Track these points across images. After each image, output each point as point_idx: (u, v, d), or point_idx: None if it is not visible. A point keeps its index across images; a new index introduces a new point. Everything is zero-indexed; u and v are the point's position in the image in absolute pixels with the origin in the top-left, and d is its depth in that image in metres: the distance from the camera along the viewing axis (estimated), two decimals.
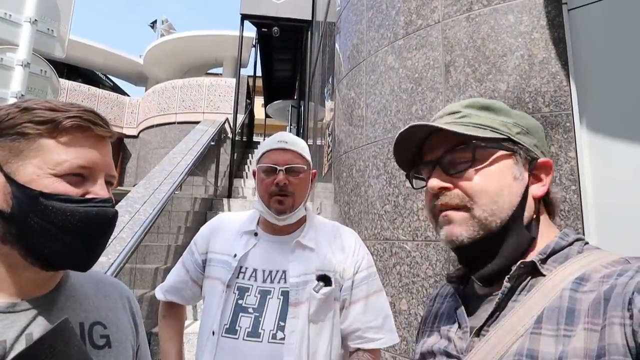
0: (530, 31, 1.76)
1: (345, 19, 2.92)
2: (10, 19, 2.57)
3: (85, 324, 0.68)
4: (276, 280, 1.13)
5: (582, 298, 0.50)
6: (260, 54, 9.68)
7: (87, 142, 0.64)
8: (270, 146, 1.19)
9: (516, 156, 0.61)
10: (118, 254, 2.50)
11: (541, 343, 0.51)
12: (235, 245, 1.19)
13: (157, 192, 3.64)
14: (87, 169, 0.63)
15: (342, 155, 2.72)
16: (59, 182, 0.60)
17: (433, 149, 0.65)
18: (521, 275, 0.58)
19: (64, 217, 0.59)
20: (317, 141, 5.18)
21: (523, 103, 1.73)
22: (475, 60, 1.88)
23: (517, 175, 0.60)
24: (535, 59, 1.73)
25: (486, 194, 0.59)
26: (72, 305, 0.68)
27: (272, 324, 1.07)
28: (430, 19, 2.08)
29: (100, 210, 0.62)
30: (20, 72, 2.55)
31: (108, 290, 0.77)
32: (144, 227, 2.89)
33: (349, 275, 1.16)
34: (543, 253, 0.58)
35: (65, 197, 0.60)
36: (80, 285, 0.72)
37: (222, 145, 7.10)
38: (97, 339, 0.68)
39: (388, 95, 2.25)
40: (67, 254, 0.60)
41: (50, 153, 0.61)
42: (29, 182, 0.60)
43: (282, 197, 1.14)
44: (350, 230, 1.28)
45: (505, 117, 0.63)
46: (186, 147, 5.29)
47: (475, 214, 0.59)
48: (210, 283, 1.19)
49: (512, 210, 0.59)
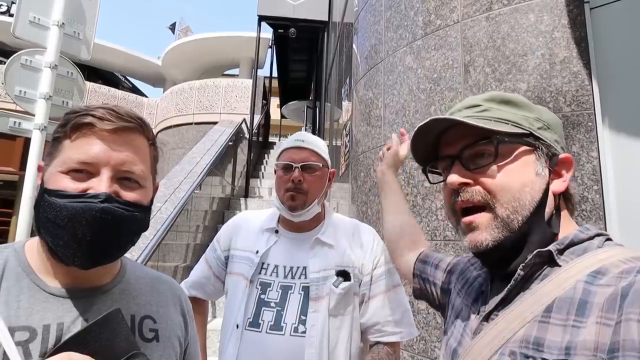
0: (552, 30, 1.75)
1: (363, 20, 2.94)
2: (39, 22, 2.66)
3: (137, 317, 0.71)
4: (297, 276, 1.16)
5: (597, 291, 0.49)
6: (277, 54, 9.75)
7: (93, 137, 0.63)
8: (288, 144, 1.24)
9: (538, 152, 0.60)
10: (141, 251, 2.57)
11: (549, 332, 0.51)
12: (257, 242, 1.23)
13: (178, 191, 3.72)
14: (87, 164, 0.62)
15: (360, 155, 2.73)
16: (63, 178, 0.62)
17: (451, 143, 0.64)
18: (536, 265, 0.57)
19: (56, 212, 0.60)
20: (332, 141, 5.20)
21: (544, 103, 1.72)
22: (495, 60, 1.87)
23: (539, 171, 0.59)
24: (557, 58, 1.72)
25: (509, 191, 0.58)
26: (126, 298, 0.71)
27: (293, 318, 1.11)
28: (449, 19, 2.09)
29: (86, 205, 0.59)
30: (48, 74, 2.63)
31: (162, 287, 0.80)
32: (165, 225, 2.95)
33: (367, 271, 1.19)
34: (560, 244, 0.57)
35: (61, 192, 0.60)
36: (136, 280, 0.75)
37: (239, 146, 7.18)
38: (146, 332, 0.71)
39: (406, 95, 2.26)
40: (63, 250, 0.61)
41: (63, 152, 0.64)
42: (46, 180, 0.64)
43: (295, 193, 1.17)
44: (369, 227, 1.31)
45: (527, 112, 0.62)
46: (205, 147, 5.38)
47: (498, 213, 0.58)
48: (233, 279, 1.23)
49: (533, 207, 0.58)
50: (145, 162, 0.68)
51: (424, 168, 0.71)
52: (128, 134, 0.66)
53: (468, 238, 0.61)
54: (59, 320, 0.62)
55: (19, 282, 0.63)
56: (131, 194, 0.65)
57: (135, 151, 0.66)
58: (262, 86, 10.49)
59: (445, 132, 0.66)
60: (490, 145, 0.59)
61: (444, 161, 0.66)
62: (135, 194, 0.65)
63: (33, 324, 0.60)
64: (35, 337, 0.59)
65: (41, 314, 0.61)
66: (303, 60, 10.19)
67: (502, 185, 0.58)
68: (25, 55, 2.64)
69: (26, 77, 2.62)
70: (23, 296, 0.61)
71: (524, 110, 0.63)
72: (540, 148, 0.60)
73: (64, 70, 2.82)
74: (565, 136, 1.65)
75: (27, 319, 0.60)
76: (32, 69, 2.65)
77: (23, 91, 2.60)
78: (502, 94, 0.65)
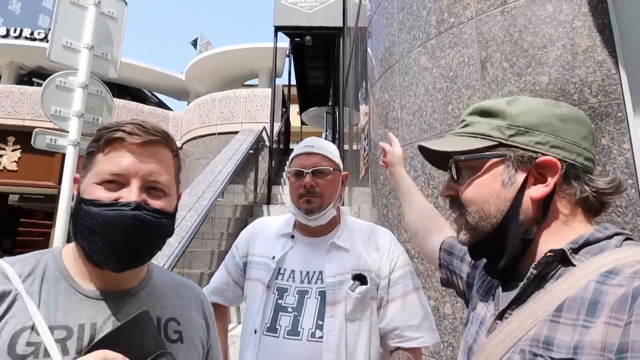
0: (572, 20, 1.69)
1: (376, 23, 2.93)
2: (71, 46, 2.83)
3: (162, 319, 0.75)
4: (313, 281, 1.16)
5: (609, 291, 0.48)
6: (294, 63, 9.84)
7: (123, 150, 0.69)
8: (297, 151, 1.25)
9: (507, 161, 0.60)
10: (167, 258, 2.62)
11: (559, 331, 0.51)
12: (273, 248, 1.24)
13: (201, 199, 3.79)
14: (119, 175, 0.68)
15: (379, 158, 2.71)
16: (97, 188, 0.67)
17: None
18: (550, 264, 0.57)
19: (91, 220, 0.66)
20: (353, 146, 5.19)
21: (568, 95, 1.66)
22: (513, 54, 1.82)
23: (506, 181, 0.60)
24: (579, 48, 1.66)
25: (473, 204, 0.63)
26: (152, 301, 0.76)
27: (310, 323, 1.10)
28: (462, 16, 2.05)
29: (118, 212, 0.65)
30: (80, 94, 2.78)
31: (185, 291, 0.84)
32: (189, 233, 3.01)
33: (385, 274, 1.17)
34: (575, 243, 0.56)
35: (96, 201, 0.66)
36: (162, 284, 0.80)
37: (260, 154, 7.27)
38: (171, 334, 0.75)
39: (423, 95, 2.23)
40: (98, 254, 0.66)
41: (97, 164, 0.70)
42: (82, 191, 0.69)
43: (310, 197, 1.18)
44: (385, 230, 1.29)
45: (500, 120, 0.62)
46: (227, 156, 5.47)
47: (468, 220, 0.63)
48: (251, 284, 1.23)
49: (501, 215, 0.60)
50: (170, 172, 0.74)
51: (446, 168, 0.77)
52: (154, 146, 0.72)
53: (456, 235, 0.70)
54: (92, 320, 0.67)
55: (57, 285, 0.68)
56: (158, 202, 0.70)
57: (161, 162, 0.72)
58: (281, 94, 10.59)
59: None
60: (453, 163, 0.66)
61: None
62: (161, 201, 0.71)
63: (69, 324, 0.65)
64: (71, 336, 0.64)
65: (76, 314, 0.66)
66: (320, 66, 10.24)
67: (469, 198, 0.63)
68: (59, 77, 2.81)
69: (61, 97, 2.80)
70: (60, 298, 0.67)
71: (498, 118, 0.63)
72: (509, 157, 0.60)
73: (94, 89, 2.97)
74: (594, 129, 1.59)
75: (64, 319, 0.65)
76: (66, 90, 2.81)
77: (58, 110, 2.77)
78: (484, 103, 0.66)
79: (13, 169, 10.26)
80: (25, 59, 13.22)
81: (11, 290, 0.64)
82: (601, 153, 1.55)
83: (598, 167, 1.55)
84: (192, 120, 11.34)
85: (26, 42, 13.06)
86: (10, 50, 12.91)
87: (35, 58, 12.60)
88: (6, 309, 0.62)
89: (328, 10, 7.71)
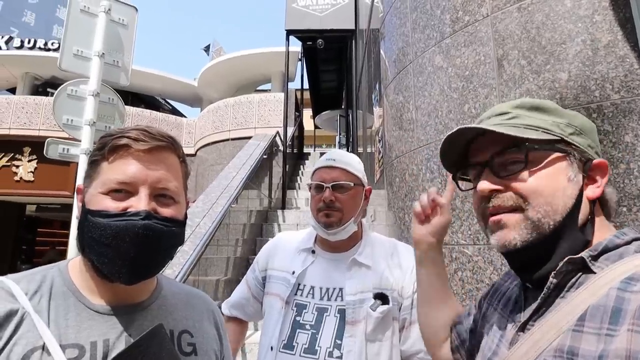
0: (591, 14, 1.64)
1: (389, 24, 2.90)
2: (82, 54, 2.84)
3: (175, 332, 0.73)
4: (333, 298, 1.13)
5: (631, 298, 0.48)
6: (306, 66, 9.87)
7: (129, 158, 0.66)
8: (319, 164, 1.23)
9: (570, 158, 0.59)
10: (182, 266, 2.63)
11: (582, 341, 0.49)
12: (293, 263, 1.22)
13: (215, 205, 3.80)
14: (126, 183, 0.65)
15: (394, 161, 2.67)
16: (104, 198, 0.65)
17: (481, 151, 0.64)
18: (570, 272, 0.56)
19: (101, 231, 0.63)
20: (367, 149, 5.15)
21: (589, 92, 1.60)
22: (531, 52, 1.78)
23: (572, 177, 0.58)
24: (599, 43, 1.61)
25: (540, 195, 0.57)
26: (164, 314, 0.73)
27: (328, 342, 1.07)
28: (478, 13, 2.01)
29: (128, 223, 0.62)
30: (91, 102, 2.79)
31: (196, 302, 0.82)
32: (204, 240, 3.02)
33: (408, 294, 1.12)
34: (594, 250, 0.56)
35: (104, 212, 0.64)
36: (172, 296, 0.78)
37: (274, 158, 7.28)
38: (184, 346, 0.73)
39: (438, 95, 2.19)
40: (109, 267, 0.64)
41: (102, 174, 0.67)
42: (87, 202, 0.67)
43: (329, 211, 1.15)
44: (408, 247, 1.24)
45: (557, 117, 0.61)
46: (240, 161, 5.49)
47: (529, 215, 0.57)
48: (269, 299, 1.21)
49: (566, 213, 0.57)
50: (178, 179, 0.72)
51: (454, 175, 0.71)
52: (161, 152, 0.69)
53: (496, 236, 0.60)
54: (105, 336, 0.64)
55: (66, 301, 0.66)
56: (168, 210, 0.68)
57: (169, 168, 0.69)
58: (294, 98, 10.63)
59: (474, 140, 0.66)
60: (520, 152, 0.59)
61: (474, 168, 0.66)
62: (171, 209, 0.68)
63: (81, 341, 0.63)
64: (84, 354, 0.62)
65: (88, 331, 0.64)
66: (333, 69, 10.25)
67: (534, 189, 0.58)
68: (70, 86, 2.83)
69: (72, 106, 2.81)
70: (70, 314, 0.64)
71: (555, 116, 0.62)
72: (572, 154, 0.59)
73: (106, 97, 2.99)
74: (616, 125, 1.53)
75: (75, 337, 0.63)
76: (78, 98, 2.83)
77: (70, 119, 2.78)
78: (532, 100, 0.64)
79: (29, 180, 10.47)
80: (40, 69, 13.56)
81: (18, 309, 0.61)
82: (624, 150, 1.50)
83: (621, 165, 1.49)
84: (206, 126, 11.45)
85: (40, 52, 13.39)
86: (24, 61, 13.26)
87: (50, 68, 12.89)
88: (14, 329, 0.59)
89: (340, 13, 7.71)
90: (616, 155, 1.51)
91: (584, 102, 1.60)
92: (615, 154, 1.51)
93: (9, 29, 16.06)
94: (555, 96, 1.67)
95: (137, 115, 11.73)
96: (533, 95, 1.74)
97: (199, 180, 11.27)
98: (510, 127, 0.60)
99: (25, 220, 13.40)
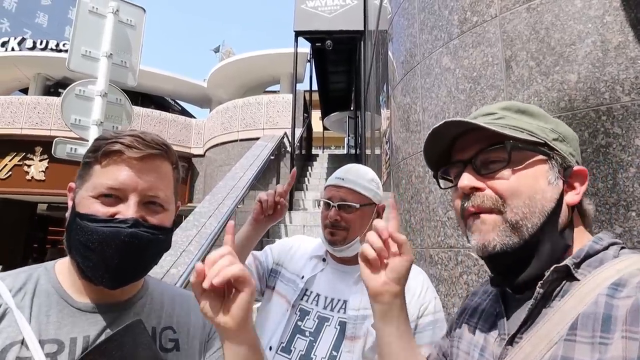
0: (602, 15, 1.61)
1: (397, 25, 2.88)
2: (90, 55, 2.87)
3: (157, 329, 0.74)
4: (336, 309, 1.14)
5: (619, 304, 0.48)
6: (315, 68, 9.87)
7: (121, 164, 0.67)
8: (329, 181, 1.24)
9: (551, 162, 0.59)
10: (187, 266, 2.64)
11: (576, 350, 0.49)
12: (304, 268, 1.23)
13: (222, 206, 3.81)
14: (116, 189, 0.66)
15: (400, 162, 2.65)
16: (94, 202, 0.66)
17: (464, 149, 0.64)
18: (555, 281, 0.55)
19: (87, 235, 0.64)
20: (375, 150, 5.13)
21: (598, 94, 1.57)
22: (540, 53, 1.75)
23: (552, 181, 0.58)
24: (610, 45, 1.57)
25: (519, 196, 0.57)
26: (148, 312, 0.75)
27: (324, 352, 1.08)
28: (486, 14, 1.98)
29: (115, 230, 0.63)
30: (99, 102, 2.82)
31: (183, 299, 0.83)
32: (209, 241, 3.03)
33: (411, 318, 1.07)
34: (577, 257, 0.56)
35: (92, 216, 0.64)
36: (160, 294, 0.79)
37: (281, 160, 7.29)
38: (165, 343, 0.74)
39: (445, 97, 2.17)
40: (92, 271, 0.65)
41: (94, 177, 0.68)
42: (77, 204, 0.68)
43: (334, 230, 1.16)
44: (419, 270, 1.23)
45: (542, 122, 0.62)
46: (247, 162, 5.50)
47: (507, 217, 0.57)
48: (276, 298, 1.22)
49: (545, 216, 0.57)
50: (169, 187, 0.73)
51: (435, 173, 0.70)
52: (154, 160, 0.70)
53: (475, 237, 0.59)
54: (85, 333, 0.66)
55: (49, 299, 0.67)
56: (156, 217, 0.69)
57: (160, 176, 0.70)
58: (303, 100, 10.64)
59: (459, 137, 0.65)
60: (504, 150, 0.59)
61: (456, 166, 0.65)
62: (159, 217, 0.70)
63: (61, 337, 0.64)
64: (63, 350, 0.63)
65: (69, 327, 0.65)
66: (342, 71, 10.24)
67: (513, 189, 0.58)
68: (79, 86, 2.86)
69: (80, 106, 2.85)
70: (52, 311, 0.66)
71: (540, 120, 0.63)
72: (554, 158, 0.60)
73: (113, 97, 3.02)
74: (626, 128, 1.50)
75: (55, 333, 0.64)
76: (85, 98, 2.86)
77: (78, 119, 2.81)
78: (519, 103, 0.65)
79: (41, 179, 10.65)
80: (52, 70, 13.78)
81: (1, 305, 0.63)
82: (634, 154, 1.46)
83: (631, 169, 1.46)
84: (215, 127, 11.52)
85: (52, 53, 13.59)
86: (36, 62, 13.49)
87: (61, 69, 13.05)
88: None
89: (348, 14, 7.70)
90: (626, 158, 1.48)
91: (594, 104, 1.57)
92: (624, 157, 1.48)
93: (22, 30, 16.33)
94: (564, 98, 1.64)
95: (146, 116, 11.83)
96: (541, 97, 1.72)
97: (207, 181, 11.33)
98: (497, 127, 0.60)
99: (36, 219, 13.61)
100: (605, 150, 1.52)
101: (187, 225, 3.38)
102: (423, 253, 2.21)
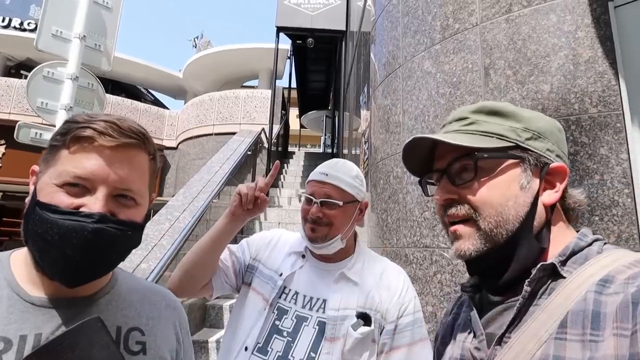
0: (575, 30, 1.70)
1: (381, 27, 2.93)
2: (61, 35, 2.72)
3: (123, 329, 0.68)
4: (315, 309, 1.10)
5: (608, 301, 0.48)
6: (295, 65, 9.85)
7: (92, 152, 0.60)
8: (312, 176, 1.20)
9: (524, 164, 0.59)
10: (158, 260, 2.58)
11: (567, 349, 0.49)
12: (283, 264, 1.19)
13: (196, 200, 3.75)
14: (84, 179, 0.59)
15: (379, 163, 2.70)
16: (57, 191, 0.59)
17: (441, 157, 0.64)
18: (541, 279, 0.56)
19: (47, 227, 0.57)
20: (352, 150, 5.18)
21: (569, 104, 1.66)
22: (516, 62, 1.83)
23: (525, 185, 0.58)
24: (581, 59, 1.67)
25: (490, 206, 0.57)
26: (113, 309, 0.68)
27: (302, 353, 1.04)
28: (467, 22, 2.05)
29: (78, 224, 0.57)
30: (69, 86, 2.68)
31: (155, 298, 0.77)
32: (183, 235, 2.96)
33: (391, 318, 1.09)
34: (562, 255, 0.56)
35: (54, 207, 0.58)
36: (127, 291, 0.72)
37: (258, 155, 7.24)
38: (132, 345, 0.68)
39: (425, 100, 2.22)
40: (49, 266, 0.59)
41: (59, 163, 0.60)
42: (39, 190, 0.61)
43: (315, 226, 1.13)
44: (399, 269, 1.21)
45: (514, 122, 0.61)
46: (224, 156, 5.43)
47: (481, 226, 0.58)
48: (253, 296, 1.17)
49: (519, 221, 0.57)
50: (143, 180, 0.66)
51: (420, 180, 0.70)
52: (129, 150, 0.63)
53: (454, 247, 0.61)
54: (37, 330, 0.59)
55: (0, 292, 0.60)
56: (126, 212, 0.62)
57: (135, 168, 0.64)
58: (281, 97, 10.59)
59: (437, 145, 0.65)
60: (471, 161, 0.59)
61: (436, 174, 0.66)
62: (130, 212, 0.63)
63: (9, 335, 0.58)
64: (10, 348, 0.57)
65: (19, 324, 0.59)
66: (321, 70, 10.26)
67: (484, 200, 0.58)
68: (47, 67, 2.70)
69: (48, 89, 2.68)
70: (1, 306, 0.59)
71: (512, 120, 0.61)
72: (527, 160, 0.59)
73: (85, 81, 2.88)
74: (593, 138, 1.59)
75: (3, 329, 0.58)
76: (54, 81, 2.70)
77: (45, 103, 2.65)
78: (491, 104, 0.64)
79: None
80: (14, 50, 12.99)
81: None
82: (599, 162, 1.56)
83: (596, 176, 1.55)
84: (189, 119, 11.29)
85: (15, 32, 12.80)
86: None
87: (25, 49, 12.38)
88: None
89: (331, 13, 7.73)
90: (591, 166, 1.57)
91: (564, 114, 1.66)
92: (590, 165, 1.57)
93: None
94: (538, 107, 1.72)
95: (117, 105, 11.44)
96: (517, 104, 1.79)
97: (179, 174, 11.10)
98: (465, 135, 0.61)
99: None
100: (573, 157, 1.61)
101: (159, 218, 3.29)
102: (399, 252, 2.26)
